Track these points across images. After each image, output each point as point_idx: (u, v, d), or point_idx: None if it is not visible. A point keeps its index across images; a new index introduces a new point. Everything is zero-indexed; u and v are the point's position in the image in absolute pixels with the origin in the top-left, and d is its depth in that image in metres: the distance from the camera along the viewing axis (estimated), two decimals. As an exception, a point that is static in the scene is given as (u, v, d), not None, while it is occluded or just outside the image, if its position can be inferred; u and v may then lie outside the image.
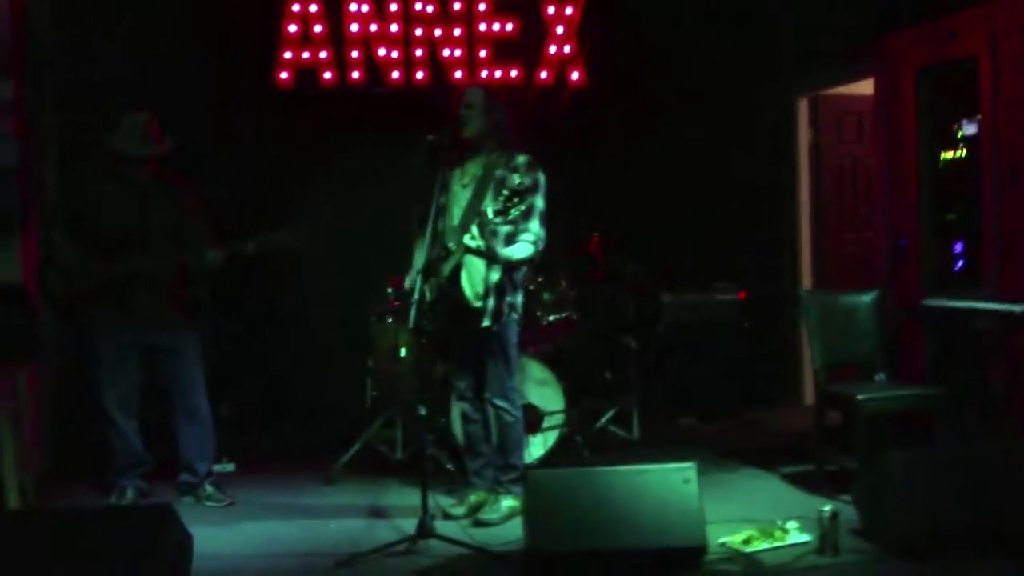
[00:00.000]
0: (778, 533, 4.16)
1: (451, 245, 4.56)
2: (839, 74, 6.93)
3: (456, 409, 5.44)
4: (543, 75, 6.77)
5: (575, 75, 6.77)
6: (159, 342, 4.81)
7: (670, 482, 3.90)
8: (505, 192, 4.36)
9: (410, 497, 5.15)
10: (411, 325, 4.28)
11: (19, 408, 4.92)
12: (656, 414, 6.43)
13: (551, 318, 5.62)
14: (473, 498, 4.76)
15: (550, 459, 5.39)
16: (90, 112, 5.88)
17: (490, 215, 4.39)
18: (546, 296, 5.63)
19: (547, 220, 4.60)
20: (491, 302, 4.55)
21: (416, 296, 4.33)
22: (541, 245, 4.58)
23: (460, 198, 4.65)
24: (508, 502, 4.65)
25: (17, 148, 5.28)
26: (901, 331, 5.69)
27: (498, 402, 4.67)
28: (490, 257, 4.48)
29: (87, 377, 4.89)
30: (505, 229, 4.52)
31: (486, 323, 4.56)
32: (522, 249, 4.54)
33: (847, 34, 6.58)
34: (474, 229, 4.44)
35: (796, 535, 4.16)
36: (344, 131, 6.53)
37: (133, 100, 5.26)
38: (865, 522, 4.23)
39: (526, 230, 4.54)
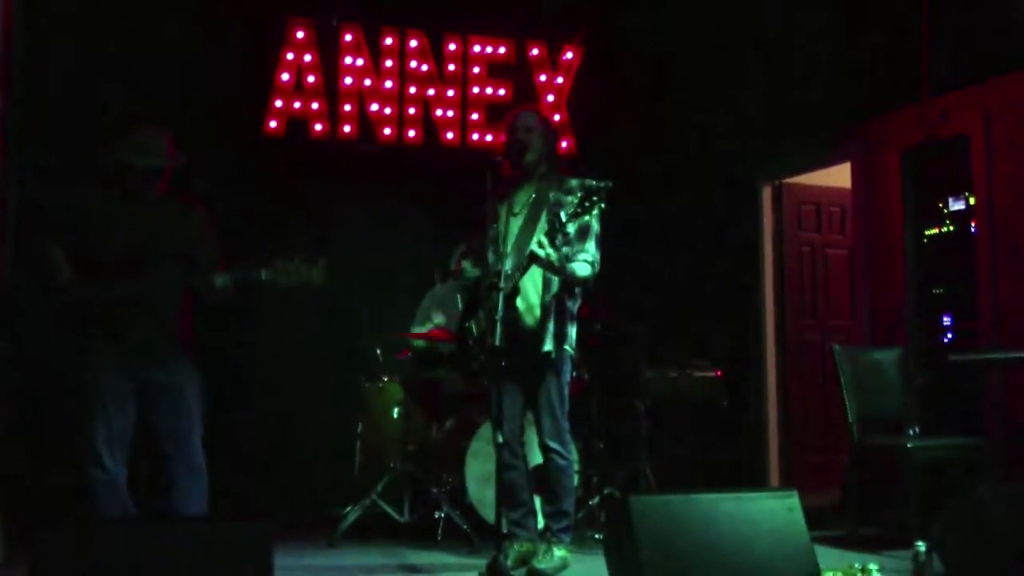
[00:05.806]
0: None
1: (507, 270, 4.22)
2: (810, 160, 7.08)
3: (471, 466, 5.16)
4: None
5: (563, 143, 6.75)
6: (158, 378, 4.14)
7: (776, 510, 3.68)
8: (564, 213, 4.11)
9: (430, 557, 4.80)
10: (497, 342, 3.99)
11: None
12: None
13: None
14: (518, 547, 4.39)
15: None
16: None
17: (564, 218, 4.08)
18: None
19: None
20: (551, 325, 4.33)
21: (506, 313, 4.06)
22: (598, 268, 4.39)
23: (512, 227, 4.43)
24: (560, 552, 4.33)
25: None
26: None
27: (552, 444, 4.38)
28: (557, 269, 4.24)
29: (73, 415, 4.19)
30: (562, 250, 4.27)
31: (547, 347, 4.31)
32: (582, 268, 4.34)
33: (818, 120, 6.74)
34: (543, 239, 4.15)
35: (880, 576, 4.01)
36: (333, 185, 6.26)
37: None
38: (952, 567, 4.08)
39: (583, 251, 4.34)
